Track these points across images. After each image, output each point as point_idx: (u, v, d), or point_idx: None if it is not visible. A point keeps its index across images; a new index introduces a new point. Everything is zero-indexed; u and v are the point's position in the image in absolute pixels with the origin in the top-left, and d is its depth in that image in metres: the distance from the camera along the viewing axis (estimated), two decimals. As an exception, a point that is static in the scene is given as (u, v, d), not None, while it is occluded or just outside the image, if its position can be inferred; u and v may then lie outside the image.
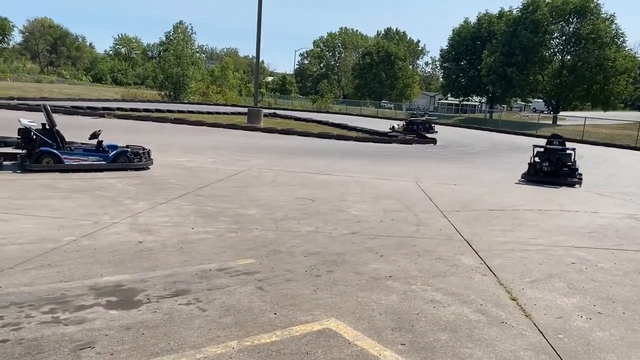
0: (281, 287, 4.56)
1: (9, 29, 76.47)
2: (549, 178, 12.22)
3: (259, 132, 23.22)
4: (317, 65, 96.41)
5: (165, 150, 13.42)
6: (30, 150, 9.79)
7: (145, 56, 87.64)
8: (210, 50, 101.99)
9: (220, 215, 7.13)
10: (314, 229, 6.69)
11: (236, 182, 9.84)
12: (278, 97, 69.13)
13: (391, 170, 13.40)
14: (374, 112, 58.06)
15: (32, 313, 3.71)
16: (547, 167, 12.25)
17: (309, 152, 16.56)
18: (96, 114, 24.97)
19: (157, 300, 4.10)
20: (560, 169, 12.40)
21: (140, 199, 7.82)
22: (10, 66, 65.25)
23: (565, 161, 12.50)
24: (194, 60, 50.88)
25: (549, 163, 12.31)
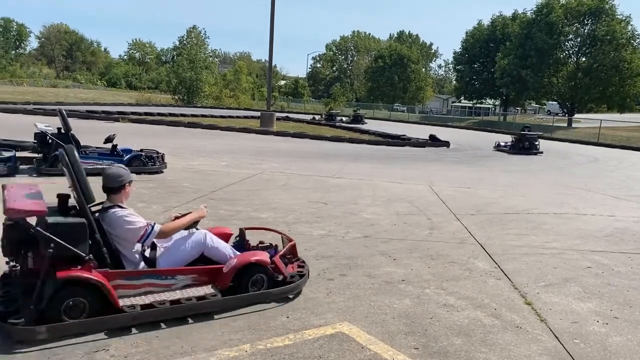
0: (294, 290, 4.56)
1: (26, 35, 77.70)
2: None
3: (271, 135, 23.29)
4: (330, 69, 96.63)
5: (178, 154, 13.51)
6: (46, 154, 9.91)
7: (159, 61, 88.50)
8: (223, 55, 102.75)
9: (233, 218, 7.16)
10: (326, 232, 6.69)
11: (249, 186, 9.88)
12: (291, 101, 69.29)
13: (404, 173, 13.36)
14: (387, 115, 57.97)
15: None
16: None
17: (322, 155, 16.57)
18: (111, 118, 25.22)
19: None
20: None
21: (154, 202, 7.88)
22: (26, 71, 66.28)
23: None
24: (207, 64, 51.31)
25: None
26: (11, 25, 74.11)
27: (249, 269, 4.21)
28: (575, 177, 14.92)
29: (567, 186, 12.77)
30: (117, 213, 3.95)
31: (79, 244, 3.54)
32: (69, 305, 3.48)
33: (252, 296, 4.18)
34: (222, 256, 4.34)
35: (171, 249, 4.25)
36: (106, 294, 3.57)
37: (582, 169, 18.07)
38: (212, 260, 4.32)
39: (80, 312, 3.51)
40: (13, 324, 3.33)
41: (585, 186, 12.92)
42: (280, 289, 4.29)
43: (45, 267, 3.42)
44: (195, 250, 4.27)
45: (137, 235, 3.96)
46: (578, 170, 17.26)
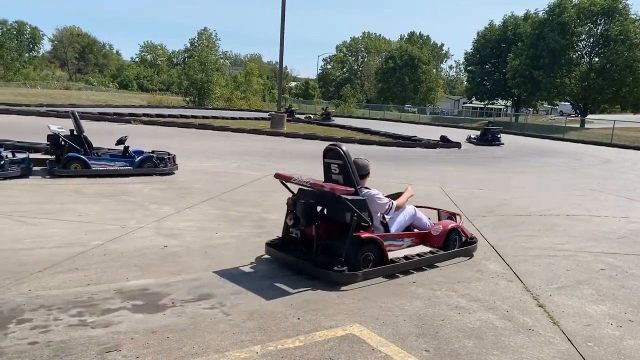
0: (305, 291, 4.55)
1: (39, 38, 78.45)
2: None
3: (282, 137, 23.33)
4: (340, 70, 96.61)
5: (189, 156, 13.58)
6: (59, 155, 10.01)
7: (170, 63, 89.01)
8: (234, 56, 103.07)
9: (244, 219, 7.18)
10: (337, 233, 6.67)
11: (259, 187, 9.90)
12: (301, 102, 69.36)
13: (415, 174, 13.31)
14: (397, 116, 57.86)
15: (60, 316, 3.78)
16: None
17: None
18: (123, 120, 25.41)
19: (182, 304, 4.13)
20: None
21: (165, 204, 7.92)
22: (40, 74, 66.98)
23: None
24: (218, 66, 51.53)
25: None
26: (25, 28, 74.92)
27: (451, 233, 5.79)
28: (588, 179, 14.77)
29: (580, 187, 12.64)
30: (371, 192, 5.31)
31: (366, 215, 5.01)
32: (364, 258, 4.97)
33: (456, 252, 5.82)
34: (424, 225, 5.89)
35: (395, 218, 5.64)
36: (382, 250, 5.07)
37: (595, 170, 17.89)
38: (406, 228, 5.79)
39: (368, 263, 4.99)
40: (338, 272, 4.75)
41: (598, 187, 12.79)
42: (472, 246, 6.01)
43: (352, 231, 4.88)
44: (410, 221, 5.81)
45: (383, 208, 5.38)
46: (591, 172, 17.09)
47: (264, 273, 5.00)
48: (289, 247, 5.37)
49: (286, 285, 4.70)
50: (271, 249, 5.47)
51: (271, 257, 5.45)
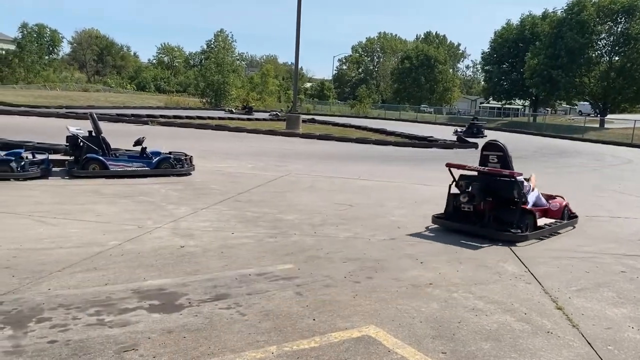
0: (320, 292, 4.55)
1: (59, 41, 79.51)
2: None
3: (297, 137, 23.36)
4: (356, 71, 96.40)
5: (206, 156, 13.66)
6: (77, 156, 10.14)
7: (187, 64, 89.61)
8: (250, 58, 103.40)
9: (259, 220, 7.20)
10: (352, 234, 6.66)
11: (275, 188, 9.92)
12: (316, 103, 69.32)
13: (431, 175, 13.21)
14: (414, 116, 57.59)
15: (78, 315, 3.82)
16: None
17: (348, 157, 16.53)
18: (140, 121, 25.67)
19: (198, 304, 4.15)
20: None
21: (182, 204, 7.98)
22: (59, 76, 67.93)
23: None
24: (234, 67, 51.84)
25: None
26: (44, 31, 76.04)
27: (564, 208, 7.72)
28: (608, 179, 14.54)
29: (601, 188, 12.45)
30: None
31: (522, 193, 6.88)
32: (526, 224, 6.76)
33: (570, 222, 7.69)
34: (542, 203, 7.64)
35: (529, 197, 7.26)
36: (535, 219, 6.97)
37: (616, 170, 17.60)
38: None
39: (527, 228, 6.76)
40: (515, 233, 6.63)
41: (620, 188, 12.57)
42: (576, 219, 7.82)
43: (519, 204, 6.78)
44: (536, 201, 7.53)
45: (526, 189, 7.07)
46: (612, 172, 16.82)
47: (280, 274, 5.00)
48: (456, 219, 7.16)
49: (303, 287, 4.70)
50: (442, 220, 7.33)
51: (441, 226, 7.28)
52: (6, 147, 10.73)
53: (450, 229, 7.12)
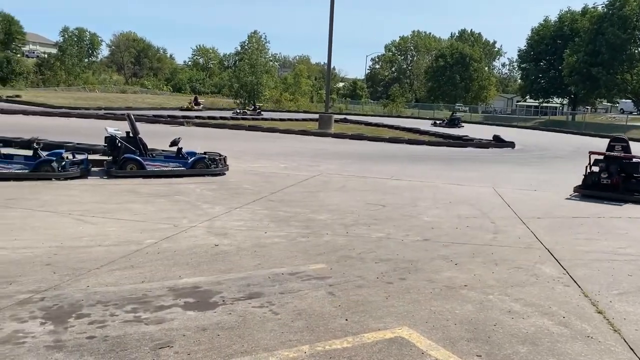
0: (352, 293, 4.54)
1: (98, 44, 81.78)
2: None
3: (329, 137, 23.37)
4: (389, 70, 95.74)
5: (239, 157, 13.79)
6: (115, 157, 10.40)
7: (221, 66, 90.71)
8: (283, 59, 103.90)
9: (291, 219, 7.23)
10: (385, 235, 6.62)
11: (307, 188, 9.95)
12: (349, 103, 69.08)
13: (466, 175, 13.02)
14: (448, 115, 56.78)
15: (116, 312, 3.91)
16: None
17: (380, 157, 16.45)
18: (176, 122, 26.12)
19: (232, 302, 4.20)
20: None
21: (216, 204, 8.08)
22: (98, 78, 69.70)
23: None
24: (267, 68, 52.07)
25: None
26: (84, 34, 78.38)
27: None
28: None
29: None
30: None
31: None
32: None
33: None
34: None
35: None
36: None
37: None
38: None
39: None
40: None
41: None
42: None
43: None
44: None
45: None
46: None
47: (312, 273, 5.01)
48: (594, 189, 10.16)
49: (335, 287, 4.69)
50: (584, 190, 10.28)
51: (583, 195, 10.16)
52: (48, 147, 11.09)
53: (590, 196, 10.04)
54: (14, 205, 7.27)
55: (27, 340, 3.41)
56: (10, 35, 68.92)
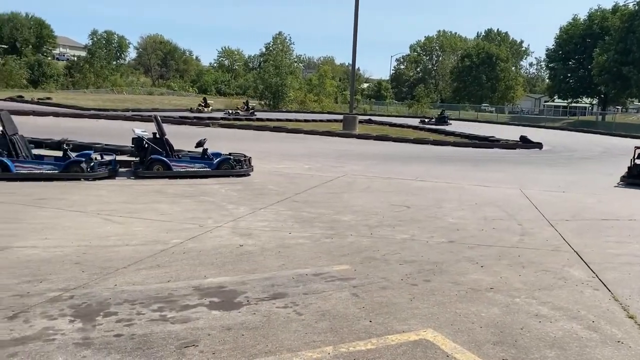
0: (376, 294, 4.52)
1: (126, 46, 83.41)
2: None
3: (354, 138, 23.33)
4: (414, 70, 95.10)
5: (264, 157, 13.87)
6: (142, 157, 10.56)
7: (246, 67, 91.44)
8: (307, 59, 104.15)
9: (315, 220, 7.23)
10: (409, 236, 6.58)
11: (331, 189, 9.94)
12: (373, 104, 68.89)
13: (492, 176, 12.85)
14: (474, 115, 56.18)
15: (142, 310, 3.97)
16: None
17: (405, 158, 16.35)
18: (201, 124, 26.40)
19: (256, 302, 4.22)
20: None
21: (241, 204, 8.14)
22: (126, 80, 70.95)
23: None
24: (292, 69, 52.31)
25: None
26: (113, 37, 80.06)
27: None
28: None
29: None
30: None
31: None
32: None
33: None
34: None
35: None
36: None
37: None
38: None
39: None
40: None
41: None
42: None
43: None
44: None
45: None
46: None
47: (336, 274, 5.00)
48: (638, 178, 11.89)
49: (359, 288, 4.68)
50: (629, 179, 11.99)
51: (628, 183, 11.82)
52: (77, 148, 11.33)
53: (634, 184, 11.79)
54: (45, 205, 7.45)
55: (57, 337, 3.49)
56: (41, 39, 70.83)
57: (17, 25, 67.74)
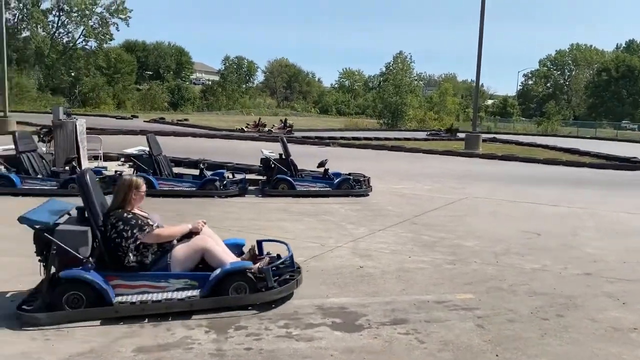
0: (503, 327, 4.31)
1: (254, 70, 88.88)
2: None
3: (477, 158, 22.49)
4: (543, 85, 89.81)
5: (382, 177, 13.87)
6: (269, 177, 11.13)
7: (366, 87, 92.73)
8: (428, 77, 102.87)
9: (436, 245, 7.08)
10: (540, 266, 6.18)
11: (452, 211, 9.68)
12: (498, 121, 66.01)
13: (636, 202, 11.65)
14: (612, 134, 51.51)
15: (270, 326, 4.17)
16: None
17: (534, 180, 15.41)
18: (322, 143, 27.12)
19: (378, 326, 4.23)
20: None
21: (360, 225, 8.22)
22: (253, 102, 75.40)
23: None
24: (412, 88, 51.98)
25: None
26: (243, 62, 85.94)
27: None
28: None
29: None
30: None
31: None
32: None
33: None
34: None
35: None
36: None
37: None
38: None
39: None
40: None
41: None
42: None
43: None
44: None
45: None
46: None
47: (460, 303, 4.85)
48: None
49: (484, 319, 4.50)
50: None
51: None
52: (211, 167, 12.23)
53: None
54: (185, 220, 8.10)
55: (194, 347, 3.78)
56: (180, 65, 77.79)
57: (161, 53, 75.06)
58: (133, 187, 4.64)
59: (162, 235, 4.63)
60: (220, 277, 4.47)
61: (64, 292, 4.20)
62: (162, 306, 4.34)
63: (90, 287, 4.22)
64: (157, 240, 4.60)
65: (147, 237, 4.52)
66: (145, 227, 4.53)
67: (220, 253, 4.72)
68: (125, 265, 4.46)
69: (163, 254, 4.61)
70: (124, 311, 4.24)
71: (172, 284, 4.53)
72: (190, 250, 4.67)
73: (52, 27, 56.80)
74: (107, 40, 59.95)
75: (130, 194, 4.62)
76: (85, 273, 4.23)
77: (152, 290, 4.47)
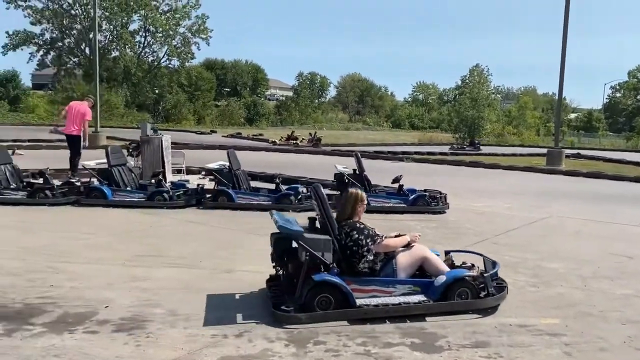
0: (592, 356, 4.10)
1: (327, 85, 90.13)
2: None
3: (559, 175, 21.42)
4: (633, 98, 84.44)
5: (459, 194, 13.54)
6: (342, 192, 11.17)
7: (440, 101, 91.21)
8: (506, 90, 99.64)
9: (518, 266, 6.83)
10: (633, 292, 5.80)
11: (535, 230, 9.29)
12: (582, 136, 62.60)
13: None
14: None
15: (348, 343, 4.19)
16: None
17: (624, 199, 14.46)
18: (395, 158, 26.89)
19: (457, 349, 4.14)
20: None
21: (438, 243, 8.04)
22: (326, 117, 76.26)
23: None
24: (489, 101, 50.58)
25: None
26: (316, 78, 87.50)
27: None
28: None
29: None
30: None
31: None
32: None
33: None
34: None
35: None
36: None
37: None
38: None
39: None
40: None
41: None
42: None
43: None
44: None
45: None
46: None
47: (544, 328, 4.64)
48: None
49: (572, 346, 4.28)
50: None
51: None
52: (286, 181, 12.49)
53: None
54: (260, 233, 8.29)
55: (274, 359, 3.87)
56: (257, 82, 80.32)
57: (238, 70, 77.89)
58: (359, 200, 5.25)
59: (390, 246, 5.16)
60: (449, 283, 4.86)
61: (315, 294, 4.60)
62: (400, 309, 4.72)
63: (338, 290, 4.63)
64: (385, 250, 5.12)
65: (378, 246, 5.04)
66: (376, 237, 5.06)
67: (438, 261, 5.20)
68: (358, 270, 4.91)
69: (388, 261, 5.09)
70: (370, 313, 4.64)
71: (398, 289, 4.94)
72: (413, 258, 5.14)
73: (139, 47, 60.31)
74: (188, 59, 62.87)
75: (357, 206, 5.21)
76: (335, 277, 4.66)
77: (381, 294, 4.88)
